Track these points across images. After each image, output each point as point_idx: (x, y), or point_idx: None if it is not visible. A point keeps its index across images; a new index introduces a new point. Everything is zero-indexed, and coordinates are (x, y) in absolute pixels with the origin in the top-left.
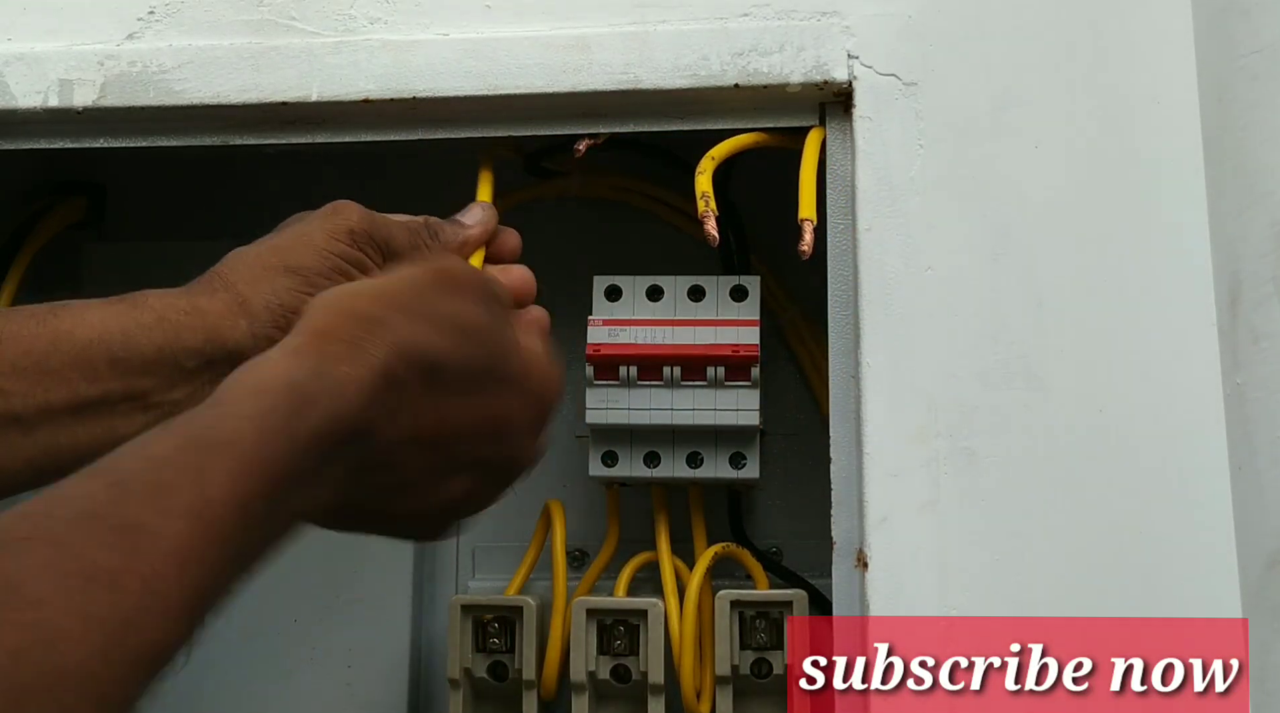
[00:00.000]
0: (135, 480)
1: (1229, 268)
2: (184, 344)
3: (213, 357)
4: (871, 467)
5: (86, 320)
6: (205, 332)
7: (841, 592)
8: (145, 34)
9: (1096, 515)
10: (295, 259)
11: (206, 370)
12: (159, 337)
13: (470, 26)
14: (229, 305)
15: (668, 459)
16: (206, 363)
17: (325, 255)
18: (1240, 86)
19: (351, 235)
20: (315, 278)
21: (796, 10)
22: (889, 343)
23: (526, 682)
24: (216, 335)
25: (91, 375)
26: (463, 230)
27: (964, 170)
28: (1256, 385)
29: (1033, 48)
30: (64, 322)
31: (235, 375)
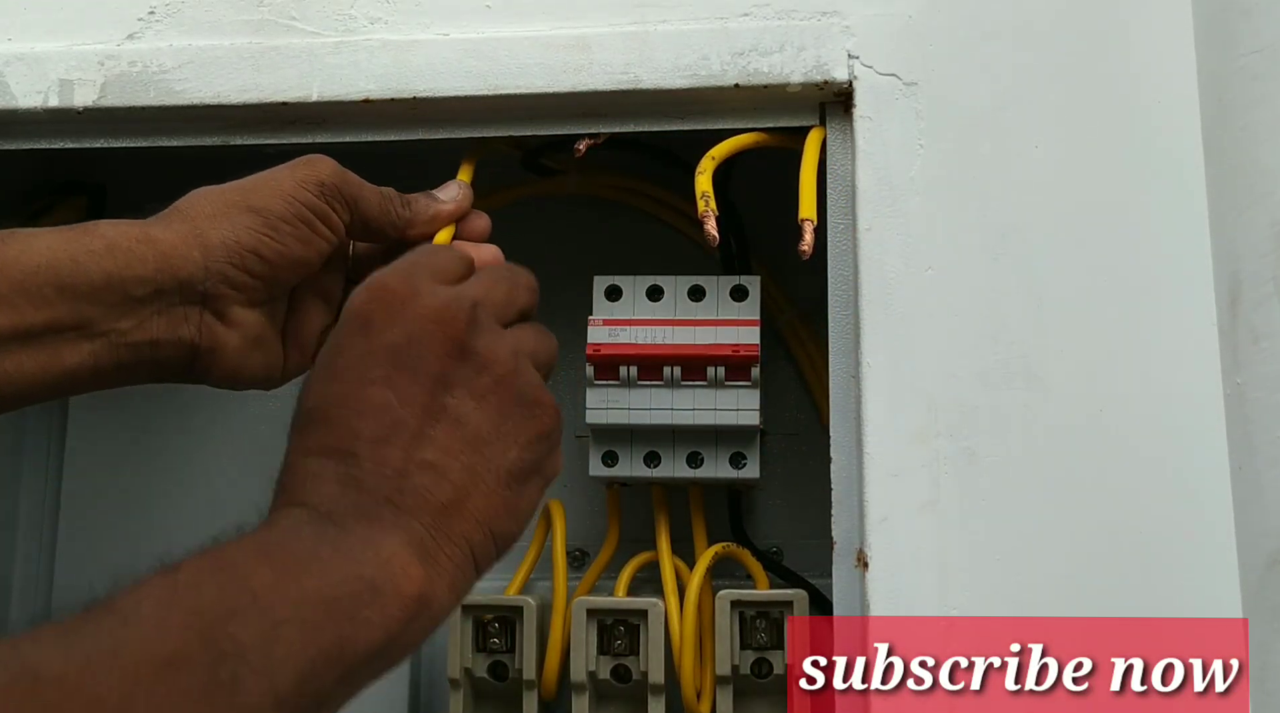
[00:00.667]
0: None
1: (1229, 268)
2: (134, 272)
3: (163, 286)
4: (872, 467)
5: (34, 247)
6: (157, 261)
7: (842, 592)
8: (145, 34)
9: (1097, 515)
10: (259, 201)
11: (155, 299)
12: (108, 264)
13: (470, 26)
14: (184, 237)
15: (668, 459)
16: (156, 292)
17: (290, 201)
18: (1240, 86)
19: (321, 187)
20: (276, 222)
21: (797, 10)
22: (889, 343)
23: (527, 682)
24: (168, 265)
25: (38, 302)
26: (435, 204)
27: (964, 170)
28: (1256, 385)
29: (1033, 48)
30: (10, 248)
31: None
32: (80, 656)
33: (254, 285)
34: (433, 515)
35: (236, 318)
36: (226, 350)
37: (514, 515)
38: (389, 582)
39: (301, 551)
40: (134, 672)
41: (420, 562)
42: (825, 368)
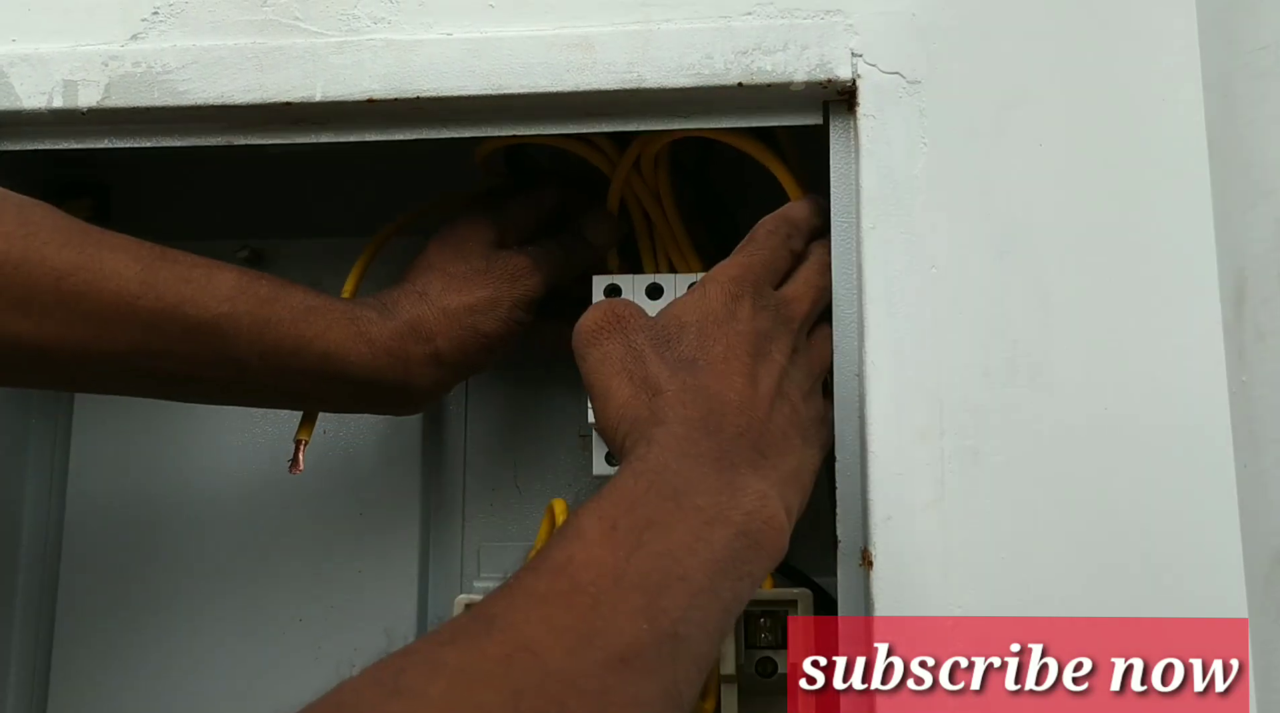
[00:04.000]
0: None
1: (1234, 265)
2: (386, 381)
3: (401, 392)
4: (876, 465)
5: (330, 335)
6: (404, 378)
7: (846, 591)
8: (149, 34)
9: (1101, 514)
10: (485, 325)
11: (391, 394)
12: (370, 372)
13: (474, 26)
14: (427, 361)
15: None
16: (395, 393)
17: (508, 325)
18: (1245, 83)
19: (530, 305)
20: (494, 343)
21: (800, 9)
22: (893, 341)
23: None
24: (410, 381)
25: (313, 378)
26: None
27: (968, 168)
28: (1262, 383)
29: (1037, 46)
30: (315, 326)
31: None
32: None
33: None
34: (787, 476)
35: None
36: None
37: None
38: (767, 534)
39: (702, 497)
40: (605, 663)
41: (784, 511)
42: None
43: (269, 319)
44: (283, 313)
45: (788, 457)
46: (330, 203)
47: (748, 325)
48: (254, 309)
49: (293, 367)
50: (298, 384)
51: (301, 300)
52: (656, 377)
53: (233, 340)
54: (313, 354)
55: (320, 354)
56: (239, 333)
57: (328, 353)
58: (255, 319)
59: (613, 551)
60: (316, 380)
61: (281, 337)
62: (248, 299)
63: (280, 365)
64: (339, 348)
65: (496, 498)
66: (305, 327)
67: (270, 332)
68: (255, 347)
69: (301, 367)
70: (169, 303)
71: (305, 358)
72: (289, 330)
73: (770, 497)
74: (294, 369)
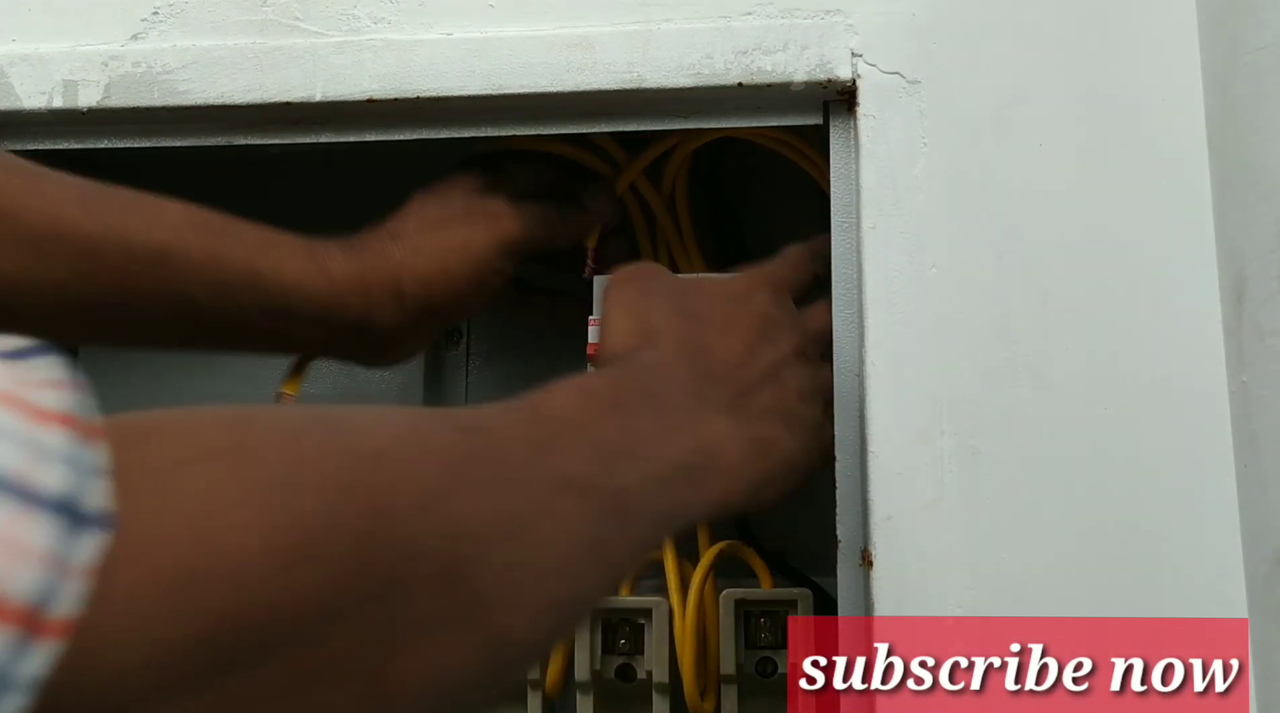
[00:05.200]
0: None
1: (1234, 265)
2: (344, 317)
3: (360, 330)
4: (876, 465)
5: (286, 267)
6: (363, 312)
7: (846, 591)
8: (149, 34)
9: (1101, 514)
10: (453, 267)
11: (350, 334)
12: (329, 304)
13: (474, 26)
14: (388, 294)
15: None
16: (353, 331)
17: (480, 267)
18: (1245, 83)
19: (507, 250)
20: (464, 287)
21: (800, 9)
22: (893, 341)
23: (532, 681)
24: (370, 316)
25: (266, 313)
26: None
27: (968, 168)
28: (1262, 383)
29: (1037, 46)
30: (269, 259)
31: None
32: (528, 448)
33: (423, 321)
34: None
35: (406, 345)
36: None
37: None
38: (722, 462)
39: (675, 410)
40: (557, 480)
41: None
42: None
43: (220, 251)
44: (235, 245)
45: (763, 425)
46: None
47: (762, 308)
48: (204, 240)
49: (247, 302)
50: (252, 320)
51: (256, 234)
52: (659, 320)
53: (181, 271)
54: (268, 287)
55: (275, 288)
56: (188, 263)
57: (284, 287)
58: (205, 250)
59: (582, 410)
60: (271, 316)
61: (234, 269)
62: (197, 229)
63: (233, 300)
64: (296, 281)
65: None
66: (260, 259)
67: (222, 263)
68: (205, 278)
69: (256, 302)
70: (111, 228)
71: (260, 292)
72: (242, 263)
73: (735, 439)
74: (248, 305)
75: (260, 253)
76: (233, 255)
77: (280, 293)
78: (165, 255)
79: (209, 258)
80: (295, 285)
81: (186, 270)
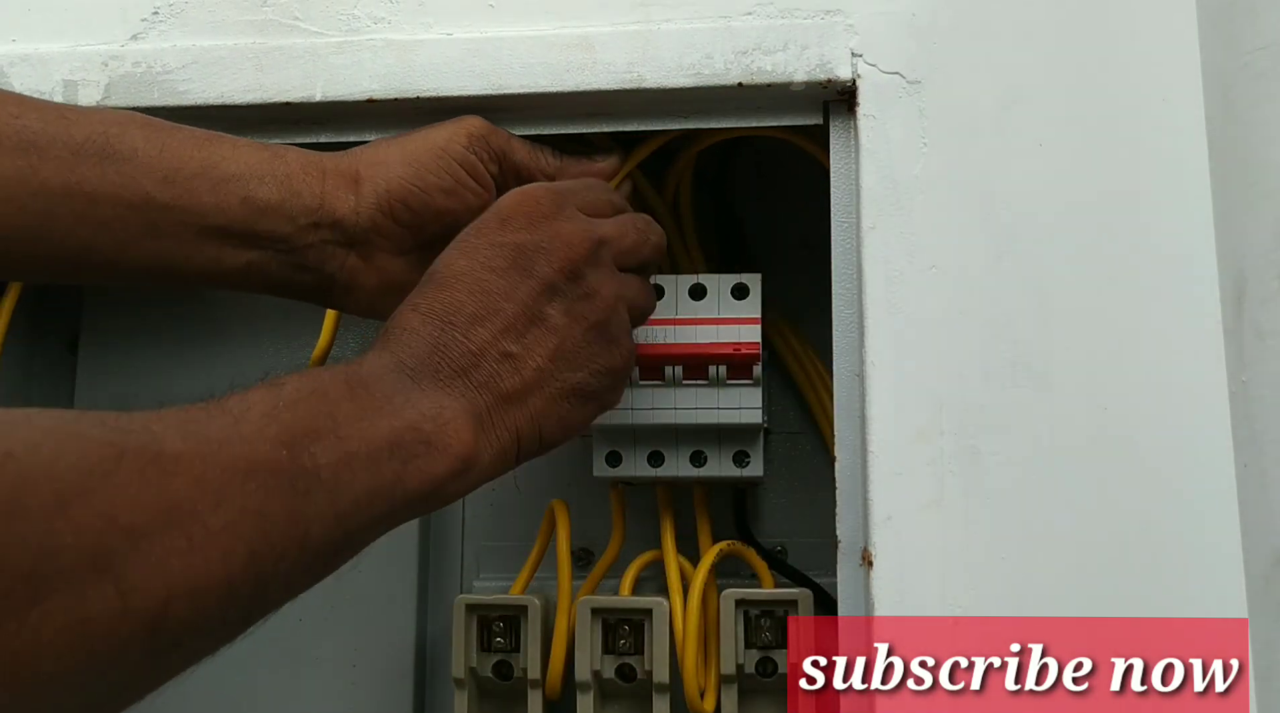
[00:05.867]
0: None
1: (1234, 265)
2: (301, 202)
3: (320, 221)
4: (876, 465)
5: (238, 157)
6: (320, 197)
7: (846, 590)
8: (149, 34)
9: (1101, 514)
10: (412, 152)
11: (311, 231)
12: (284, 189)
13: (474, 26)
14: (345, 178)
15: (671, 459)
16: (313, 224)
17: (440, 155)
18: (1245, 84)
19: (469, 138)
20: (425, 173)
21: (800, 9)
22: (893, 341)
23: (532, 681)
24: (327, 203)
25: (223, 205)
26: (587, 162)
27: (968, 169)
28: (1262, 383)
29: (1037, 46)
30: (220, 149)
31: None
32: (196, 441)
33: (400, 233)
34: (495, 397)
35: (380, 263)
36: (364, 291)
37: (563, 425)
38: (443, 439)
39: (380, 394)
40: (233, 465)
41: (473, 430)
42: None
43: (168, 143)
44: (184, 136)
45: (491, 393)
46: None
47: (519, 239)
48: (149, 132)
49: (199, 192)
50: (208, 217)
51: (207, 130)
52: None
53: (128, 161)
54: (220, 174)
55: (229, 175)
56: (134, 152)
57: (238, 174)
58: (152, 141)
59: (273, 398)
60: (227, 211)
61: (184, 158)
62: (141, 123)
63: (187, 191)
64: (249, 167)
65: (496, 498)
66: (212, 148)
67: (170, 153)
68: (154, 169)
69: (211, 194)
70: (51, 124)
71: (214, 180)
72: (192, 152)
73: (449, 409)
74: (200, 194)
75: (211, 142)
76: (183, 146)
77: (235, 178)
78: (108, 144)
79: (157, 148)
80: (250, 169)
81: (134, 160)
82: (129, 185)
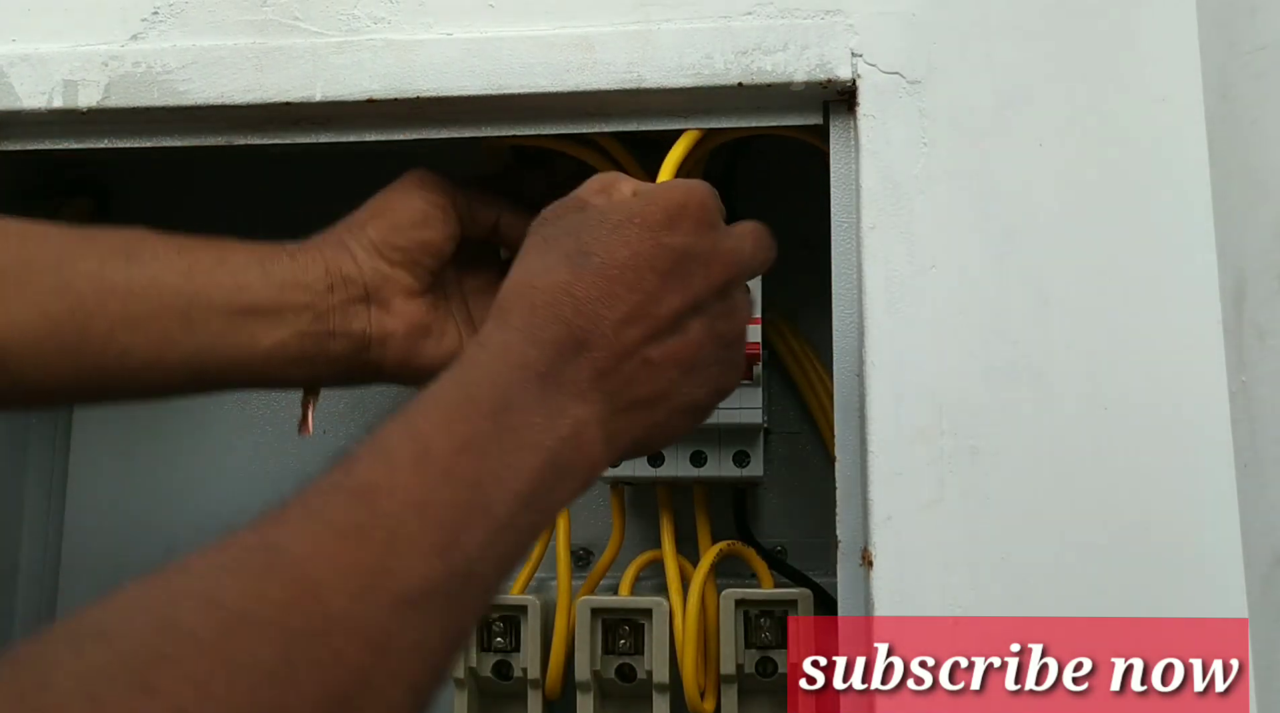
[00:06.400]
0: (361, 450)
1: (1234, 265)
2: (311, 272)
3: (333, 283)
4: (876, 465)
5: (245, 247)
6: (324, 262)
7: (846, 590)
8: (149, 34)
9: (1101, 514)
10: (375, 206)
11: (329, 294)
12: (292, 265)
13: (474, 26)
14: (336, 244)
15: (671, 459)
16: (329, 287)
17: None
18: (1245, 83)
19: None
20: (392, 215)
21: (800, 9)
22: (893, 341)
23: (531, 681)
24: (334, 265)
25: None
26: None
27: (968, 168)
28: (1262, 382)
29: (1037, 45)
30: (228, 243)
31: None
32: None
33: (402, 276)
34: (625, 403)
35: (400, 308)
36: (395, 339)
37: (671, 437)
38: (577, 462)
39: (522, 420)
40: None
41: (602, 442)
42: (812, 366)
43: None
44: (196, 239)
45: (637, 412)
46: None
47: (682, 243)
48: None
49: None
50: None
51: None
52: (541, 276)
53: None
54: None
55: (243, 261)
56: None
57: (250, 259)
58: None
59: (420, 478)
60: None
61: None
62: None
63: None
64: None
65: None
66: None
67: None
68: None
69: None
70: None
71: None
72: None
73: (583, 423)
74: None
75: (219, 240)
76: (195, 245)
77: (248, 262)
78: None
79: (176, 250)
80: (258, 252)
81: (158, 260)
82: (157, 281)
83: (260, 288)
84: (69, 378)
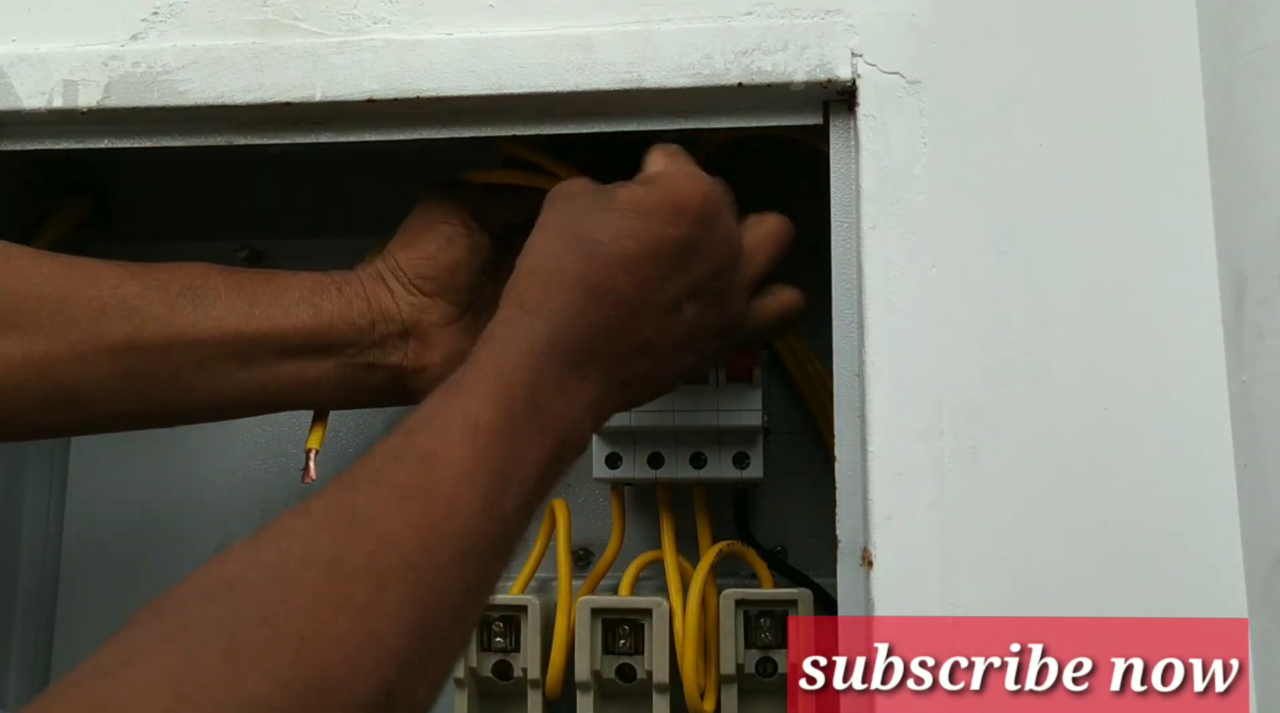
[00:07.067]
0: (416, 423)
1: (1234, 265)
2: (355, 308)
3: (375, 319)
4: (876, 465)
5: (298, 282)
6: (367, 299)
7: (846, 591)
8: (149, 34)
9: (1101, 514)
10: (402, 238)
11: (371, 329)
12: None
13: (474, 26)
14: (375, 279)
15: (671, 460)
16: (371, 322)
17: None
18: (1244, 83)
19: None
20: (419, 244)
21: (800, 9)
22: (893, 341)
23: (531, 681)
24: (374, 302)
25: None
26: None
27: (968, 168)
28: (1262, 382)
29: (1037, 45)
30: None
31: None
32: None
33: (437, 305)
34: (618, 382)
35: (436, 340)
36: (432, 369)
37: (656, 393)
38: (576, 442)
39: (550, 411)
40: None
41: (592, 421)
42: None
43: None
44: (252, 273)
45: (632, 389)
46: (330, 203)
47: (686, 234)
48: (226, 274)
49: (276, 318)
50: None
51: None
52: (554, 259)
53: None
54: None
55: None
56: (218, 295)
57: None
58: (229, 281)
59: (471, 450)
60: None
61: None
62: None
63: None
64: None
65: None
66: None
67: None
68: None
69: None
70: (149, 288)
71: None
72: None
73: (585, 406)
74: (277, 319)
75: (275, 275)
76: (253, 283)
77: (301, 301)
78: (198, 291)
79: (236, 290)
80: (310, 290)
81: (221, 302)
82: (220, 324)
83: (312, 327)
84: (134, 412)
